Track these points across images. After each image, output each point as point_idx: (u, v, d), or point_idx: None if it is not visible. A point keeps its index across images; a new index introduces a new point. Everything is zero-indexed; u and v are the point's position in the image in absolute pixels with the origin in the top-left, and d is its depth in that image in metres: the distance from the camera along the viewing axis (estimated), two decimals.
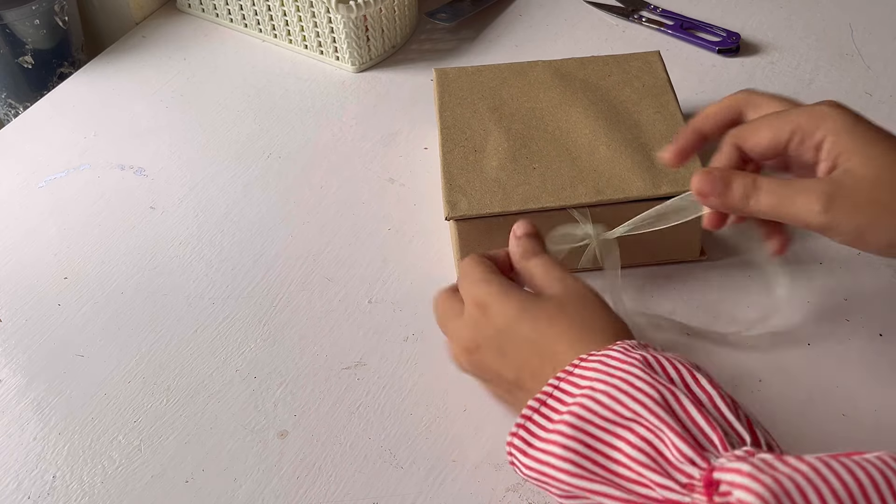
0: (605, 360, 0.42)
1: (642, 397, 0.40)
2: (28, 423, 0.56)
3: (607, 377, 0.41)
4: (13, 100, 0.87)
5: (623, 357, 0.42)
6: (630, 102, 0.65)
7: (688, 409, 0.40)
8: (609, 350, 0.43)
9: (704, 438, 0.39)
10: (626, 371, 0.41)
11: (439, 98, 0.67)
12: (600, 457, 0.40)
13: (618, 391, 0.40)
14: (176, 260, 0.66)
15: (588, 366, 0.42)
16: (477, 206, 0.59)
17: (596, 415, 0.40)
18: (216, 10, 0.87)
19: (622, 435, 0.40)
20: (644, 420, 0.39)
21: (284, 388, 0.57)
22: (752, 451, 0.38)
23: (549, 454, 0.41)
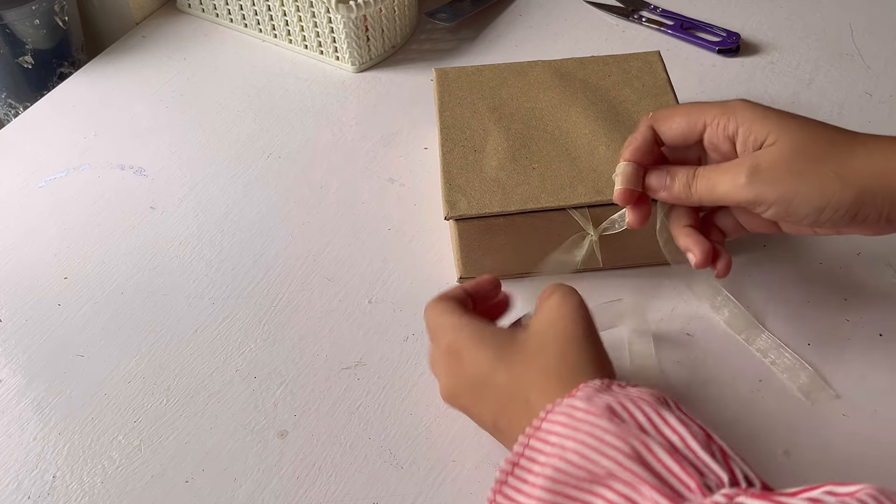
0: (571, 411, 0.41)
1: (613, 452, 0.39)
2: (28, 423, 0.56)
3: (575, 433, 0.40)
4: (13, 100, 0.87)
5: (587, 407, 0.41)
6: (630, 102, 0.65)
7: (660, 457, 0.39)
8: (573, 398, 0.42)
9: (681, 485, 0.38)
10: (592, 424, 0.40)
11: (439, 98, 0.67)
12: None
13: (588, 448, 0.40)
14: (176, 260, 0.66)
15: (555, 419, 0.41)
16: (476, 206, 0.59)
17: (570, 476, 0.39)
18: (216, 10, 0.87)
19: (600, 493, 0.39)
20: (618, 476, 0.39)
21: (284, 388, 0.57)
22: (731, 495, 0.37)
23: None
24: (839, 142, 0.47)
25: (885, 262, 0.62)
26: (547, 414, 0.42)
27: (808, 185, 0.47)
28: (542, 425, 0.42)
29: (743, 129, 0.49)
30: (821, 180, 0.46)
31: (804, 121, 0.49)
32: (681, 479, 0.38)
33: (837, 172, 0.46)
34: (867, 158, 0.46)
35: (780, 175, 0.47)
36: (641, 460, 0.39)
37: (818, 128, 0.48)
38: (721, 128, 0.50)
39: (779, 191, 0.47)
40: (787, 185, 0.47)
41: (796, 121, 0.48)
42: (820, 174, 0.46)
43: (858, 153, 0.46)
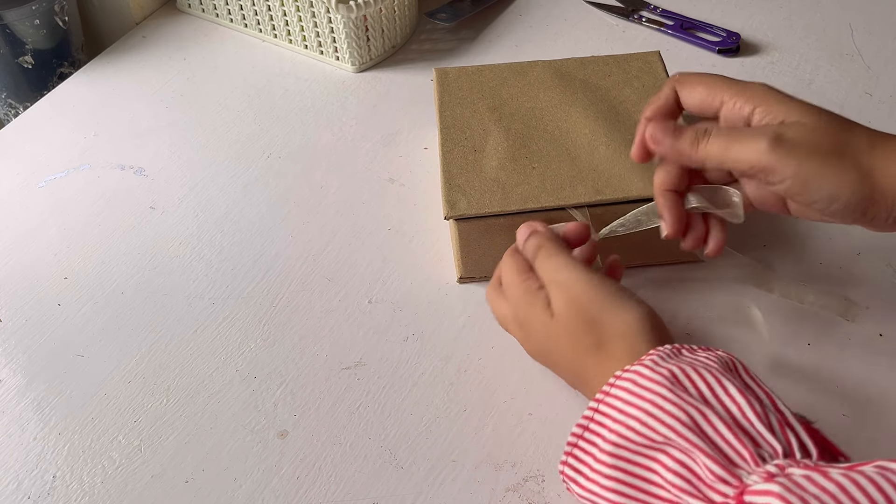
0: (636, 378, 0.44)
1: (671, 420, 0.41)
2: (28, 423, 0.56)
3: (638, 400, 0.43)
4: (13, 100, 0.87)
5: (651, 375, 0.43)
6: (630, 103, 0.65)
7: (717, 426, 0.41)
8: (640, 365, 0.44)
9: (735, 454, 0.40)
10: (654, 392, 0.42)
11: (439, 98, 0.67)
12: (641, 482, 0.42)
13: (648, 416, 0.42)
14: (176, 260, 0.66)
15: (621, 385, 0.44)
16: (476, 206, 0.59)
17: (631, 441, 0.42)
18: (216, 10, 0.87)
19: (658, 458, 0.41)
20: (675, 443, 0.41)
21: (284, 388, 0.57)
22: (783, 465, 0.38)
23: (597, 484, 0.43)
24: (859, 136, 0.47)
25: (885, 262, 0.62)
26: (617, 379, 0.44)
27: (828, 170, 0.46)
28: (612, 391, 0.44)
29: (760, 109, 0.48)
30: (840, 169, 0.46)
31: (824, 110, 0.49)
32: (735, 448, 0.40)
33: (856, 166, 0.46)
34: (885, 158, 0.46)
35: (804, 151, 0.46)
36: (698, 429, 0.41)
37: (839, 118, 0.48)
38: (737, 108, 0.49)
39: (799, 165, 0.46)
40: (809, 163, 0.46)
41: (817, 108, 0.49)
42: (840, 162, 0.46)
43: (877, 152, 0.46)
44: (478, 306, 0.61)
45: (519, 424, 0.54)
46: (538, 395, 0.56)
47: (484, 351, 0.59)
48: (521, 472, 0.52)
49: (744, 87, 0.49)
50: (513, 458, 0.53)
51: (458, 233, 0.60)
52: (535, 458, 0.53)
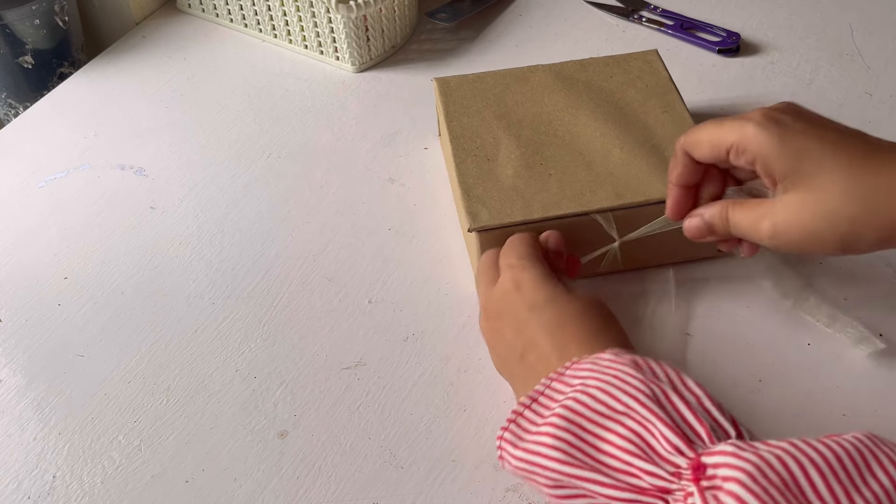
0: (597, 360, 0.45)
1: (633, 391, 0.42)
2: (28, 423, 0.56)
3: (599, 374, 0.44)
4: (13, 100, 0.87)
5: (614, 358, 0.45)
6: (636, 103, 0.65)
7: (676, 404, 0.42)
8: (601, 354, 0.46)
9: (692, 431, 0.41)
10: (616, 369, 0.44)
11: (444, 108, 0.66)
12: (590, 447, 0.42)
13: (610, 386, 0.43)
14: (176, 260, 0.66)
15: (580, 366, 0.45)
16: (498, 216, 0.58)
17: (587, 407, 0.43)
18: (216, 10, 0.87)
19: (612, 427, 0.42)
20: (634, 413, 0.42)
21: (284, 388, 0.57)
22: (737, 444, 0.39)
23: (539, 444, 0.43)
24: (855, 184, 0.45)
25: (885, 263, 0.62)
26: (574, 363, 0.46)
27: (825, 243, 0.46)
28: (567, 371, 0.45)
29: (759, 162, 0.48)
30: (837, 237, 0.46)
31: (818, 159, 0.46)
32: (692, 425, 0.41)
33: (852, 230, 0.45)
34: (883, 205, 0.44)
35: (799, 237, 0.47)
36: (658, 402, 0.42)
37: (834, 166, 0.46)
38: (741, 158, 0.49)
39: (798, 248, 0.48)
40: (807, 245, 0.47)
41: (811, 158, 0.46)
42: (835, 232, 0.46)
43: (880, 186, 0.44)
44: (477, 306, 0.61)
45: None
46: None
47: (484, 351, 0.59)
48: None
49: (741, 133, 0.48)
50: None
51: (479, 245, 0.59)
52: None
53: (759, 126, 0.48)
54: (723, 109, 0.75)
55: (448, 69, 0.81)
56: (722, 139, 0.49)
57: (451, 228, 0.67)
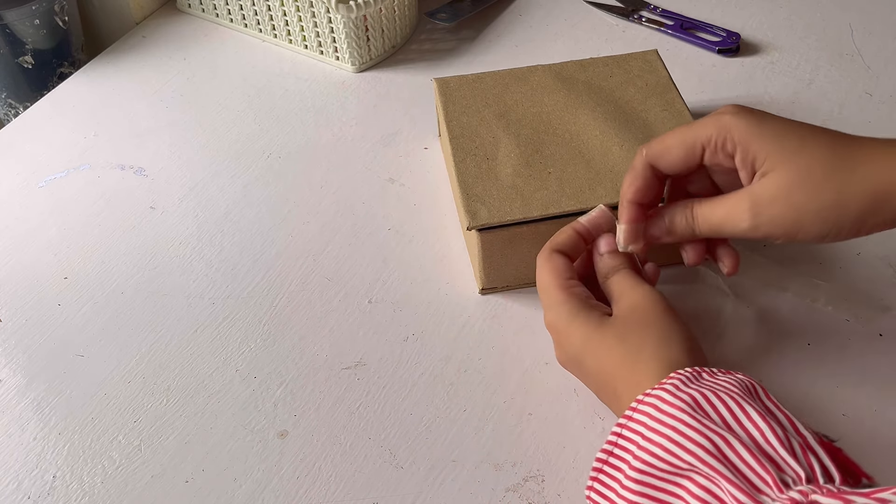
0: (658, 403, 0.44)
1: (694, 448, 0.42)
2: (28, 423, 0.56)
3: (661, 426, 0.43)
4: (13, 100, 0.87)
5: (673, 401, 0.44)
6: (636, 102, 0.65)
7: (739, 452, 0.41)
8: (661, 389, 0.45)
9: (759, 480, 0.40)
10: (676, 418, 0.43)
11: (444, 108, 0.66)
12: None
13: (671, 443, 0.42)
14: (176, 260, 0.66)
15: (643, 410, 0.44)
16: (497, 215, 0.58)
17: (655, 468, 0.43)
18: (216, 10, 0.87)
19: (683, 484, 0.42)
20: (699, 470, 0.41)
21: (284, 388, 0.57)
22: (806, 492, 0.38)
23: None
24: (839, 158, 0.46)
25: (885, 263, 0.62)
26: (640, 403, 0.45)
27: (810, 218, 0.46)
28: (634, 415, 0.45)
29: (740, 148, 0.48)
30: (821, 211, 0.46)
31: (800, 137, 0.47)
32: (759, 474, 0.40)
33: (837, 199, 0.46)
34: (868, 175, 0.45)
35: (782, 211, 0.47)
36: (721, 455, 0.41)
37: (816, 145, 0.47)
38: (720, 147, 0.49)
39: (783, 228, 0.47)
40: (791, 222, 0.47)
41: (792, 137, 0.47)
42: (820, 204, 0.46)
43: (858, 171, 0.45)
44: (478, 306, 0.61)
45: (519, 424, 0.54)
46: (538, 395, 0.56)
47: (484, 351, 0.59)
48: (521, 472, 0.52)
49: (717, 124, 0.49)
50: (513, 458, 0.53)
51: (480, 244, 0.59)
52: (535, 458, 0.53)
53: (736, 115, 0.48)
54: None
55: (448, 69, 0.81)
56: (697, 137, 0.49)
57: (451, 228, 0.67)
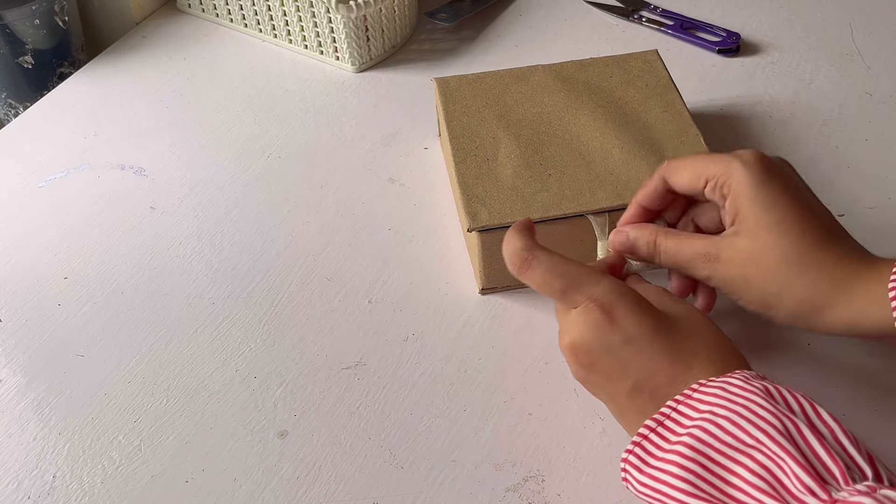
0: (726, 386, 0.43)
1: (764, 425, 0.40)
2: (28, 423, 0.56)
3: (729, 403, 0.42)
4: (13, 100, 0.87)
5: (744, 385, 0.42)
6: (636, 103, 0.65)
7: (809, 440, 0.40)
8: (730, 377, 0.43)
9: (825, 471, 0.39)
10: (747, 399, 0.41)
11: (444, 108, 0.66)
12: (718, 480, 0.40)
13: (739, 417, 0.41)
14: (176, 260, 0.66)
15: (708, 391, 0.43)
16: (498, 216, 0.58)
17: (716, 439, 0.41)
18: (216, 10, 0.87)
19: (742, 461, 0.40)
20: (765, 448, 0.40)
21: (284, 388, 0.57)
22: (874, 487, 0.37)
23: (666, 473, 0.41)
24: (798, 254, 0.48)
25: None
26: (701, 385, 0.43)
27: (750, 291, 0.49)
28: (694, 395, 0.43)
29: (731, 199, 0.50)
30: (762, 292, 0.49)
31: (784, 217, 0.48)
32: (826, 464, 0.39)
33: (779, 287, 0.48)
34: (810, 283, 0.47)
35: (731, 275, 0.49)
36: (790, 438, 0.40)
37: (790, 230, 0.48)
38: (719, 187, 0.50)
39: (725, 287, 0.50)
40: (733, 287, 0.50)
41: (777, 212, 0.48)
42: (763, 286, 0.49)
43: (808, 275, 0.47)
44: (478, 306, 0.61)
45: (519, 424, 0.54)
46: (538, 395, 0.56)
47: (484, 351, 0.59)
48: (521, 472, 0.52)
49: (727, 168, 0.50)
50: (513, 458, 0.53)
51: (480, 245, 0.59)
52: (535, 458, 0.53)
53: (746, 167, 0.49)
54: (722, 109, 0.75)
55: (448, 69, 0.81)
56: (705, 170, 0.51)
57: (451, 228, 0.67)
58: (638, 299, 0.47)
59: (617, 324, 0.46)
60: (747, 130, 0.73)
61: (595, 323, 0.46)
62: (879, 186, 0.68)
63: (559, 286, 0.47)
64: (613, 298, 0.46)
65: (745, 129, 0.73)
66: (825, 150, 0.71)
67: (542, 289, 0.48)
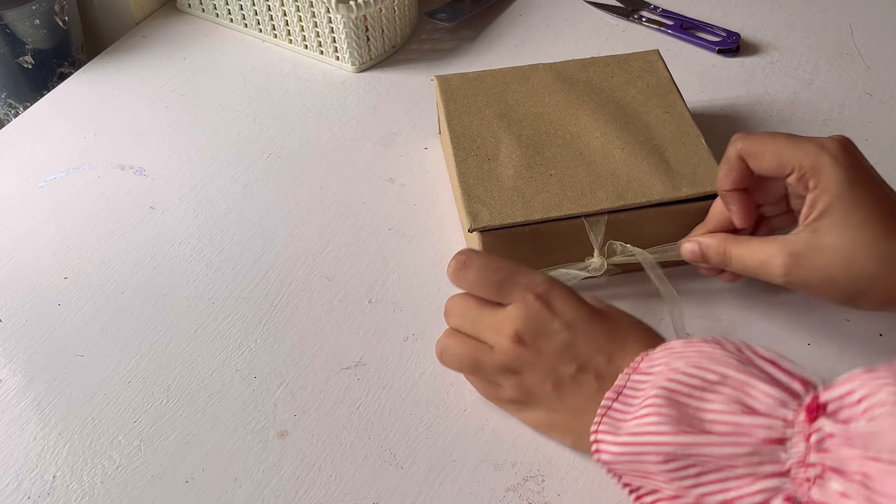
0: (671, 348, 0.45)
1: (725, 359, 0.42)
2: (28, 423, 0.56)
3: (681, 356, 0.44)
4: (13, 100, 0.87)
5: (686, 343, 0.44)
6: (637, 103, 0.65)
7: (766, 368, 0.42)
8: (668, 344, 0.46)
9: (791, 383, 0.41)
10: (697, 349, 0.43)
11: (445, 107, 0.66)
12: (695, 419, 0.41)
13: (699, 361, 0.43)
14: (176, 260, 0.66)
15: (654, 357, 0.45)
16: (499, 216, 0.58)
17: (682, 384, 0.42)
18: (216, 10, 0.87)
19: (711, 398, 0.41)
20: (730, 380, 0.41)
21: (284, 388, 0.57)
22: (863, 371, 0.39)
23: (645, 423, 0.42)
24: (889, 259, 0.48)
25: None
26: (646, 356, 0.45)
27: (838, 288, 0.49)
28: (641, 364, 0.45)
29: (816, 194, 0.49)
30: (851, 286, 0.49)
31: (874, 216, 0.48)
32: (788, 383, 0.41)
33: (870, 280, 0.48)
34: None
35: (815, 276, 0.49)
36: (754, 365, 0.42)
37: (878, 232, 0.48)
38: (801, 184, 0.50)
39: (807, 287, 0.51)
40: (817, 285, 0.50)
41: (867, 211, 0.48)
42: (852, 281, 0.49)
43: None
44: None
45: (519, 424, 0.54)
46: None
47: None
48: (521, 472, 0.52)
49: (815, 159, 0.49)
50: (513, 458, 0.53)
51: (481, 245, 0.59)
52: (535, 458, 0.53)
53: (836, 163, 0.49)
54: (722, 109, 0.75)
55: (448, 69, 0.81)
56: (792, 160, 0.50)
57: (451, 228, 0.67)
58: (569, 290, 0.50)
59: (555, 311, 0.48)
60: (747, 130, 0.73)
61: (535, 311, 0.48)
62: None
63: (495, 279, 0.50)
64: (548, 288, 0.49)
65: (745, 129, 0.73)
66: None
67: (479, 286, 0.50)
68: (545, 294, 0.49)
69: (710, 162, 0.60)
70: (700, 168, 0.60)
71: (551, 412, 0.50)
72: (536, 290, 0.49)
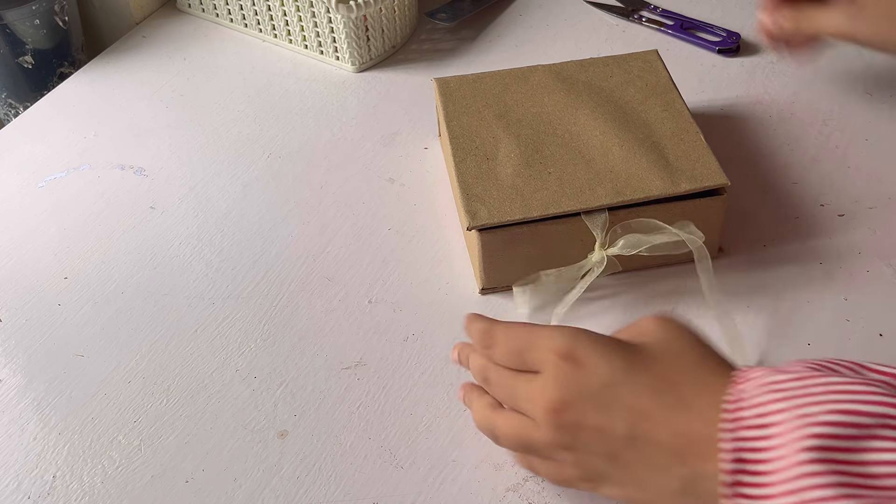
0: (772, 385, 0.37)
1: (867, 392, 0.35)
2: (28, 423, 0.56)
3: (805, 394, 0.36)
4: (13, 100, 0.87)
5: (782, 370, 0.37)
6: (636, 102, 0.65)
7: None
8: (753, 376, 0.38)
9: None
10: (817, 381, 0.36)
11: (444, 108, 0.66)
12: (860, 477, 0.34)
13: (835, 399, 0.35)
14: (176, 260, 0.66)
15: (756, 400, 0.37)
16: (497, 215, 0.58)
17: (831, 437, 0.34)
18: (216, 10, 0.87)
19: (870, 446, 0.34)
20: (890, 419, 0.34)
21: (284, 388, 0.57)
22: None
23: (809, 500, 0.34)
24: None
25: (885, 262, 0.62)
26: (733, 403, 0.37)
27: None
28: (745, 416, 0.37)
29: None
30: None
31: None
32: None
33: None
34: None
35: (880, 23, 0.55)
36: None
37: None
38: None
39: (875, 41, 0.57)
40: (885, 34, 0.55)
41: None
42: None
43: None
44: (478, 306, 0.61)
45: None
46: None
47: None
48: (521, 472, 0.52)
49: None
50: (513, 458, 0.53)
51: (480, 244, 0.59)
52: None
53: None
54: (723, 109, 0.75)
55: (448, 69, 0.81)
56: None
57: (451, 228, 0.67)
58: (594, 336, 0.44)
59: (584, 367, 0.42)
60: (747, 130, 0.73)
61: (564, 374, 0.42)
62: (879, 186, 0.68)
63: (516, 350, 0.45)
64: (570, 343, 0.43)
65: (745, 129, 0.73)
66: (825, 150, 0.71)
67: (506, 360, 0.46)
68: (570, 351, 0.43)
69: (709, 158, 0.60)
70: (699, 164, 0.60)
71: (622, 487, 0.42)
72: (559, 350, 0.43)
